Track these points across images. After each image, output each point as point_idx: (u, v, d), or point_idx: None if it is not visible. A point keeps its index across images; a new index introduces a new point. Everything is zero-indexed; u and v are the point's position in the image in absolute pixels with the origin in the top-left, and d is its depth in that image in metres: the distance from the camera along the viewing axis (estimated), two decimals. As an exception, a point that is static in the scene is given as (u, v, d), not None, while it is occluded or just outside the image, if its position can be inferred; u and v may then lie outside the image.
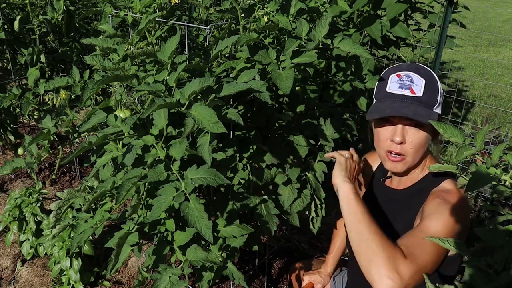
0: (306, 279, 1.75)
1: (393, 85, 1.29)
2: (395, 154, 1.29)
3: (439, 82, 1.30)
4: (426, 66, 1.35)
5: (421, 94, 1.25)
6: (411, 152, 1.28)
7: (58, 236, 2.08)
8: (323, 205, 1.58)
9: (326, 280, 1.75)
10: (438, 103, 1.28)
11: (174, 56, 1.25)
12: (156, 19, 1.43)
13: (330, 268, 1.76)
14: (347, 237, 1.61)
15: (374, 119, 1.33)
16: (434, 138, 1.32)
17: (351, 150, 1.40)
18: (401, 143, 1.27)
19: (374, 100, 1.36)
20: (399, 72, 1.30)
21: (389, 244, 1.08)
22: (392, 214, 1.39)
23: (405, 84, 1.27)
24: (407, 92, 1.26)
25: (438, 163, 1.33)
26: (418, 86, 1.26)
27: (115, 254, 1.18)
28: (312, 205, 1.59)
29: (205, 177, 1.10)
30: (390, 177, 1.46)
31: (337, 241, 1.77)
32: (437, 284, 0.95)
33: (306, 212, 1.62)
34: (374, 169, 1.56)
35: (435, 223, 1.15)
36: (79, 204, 1.82)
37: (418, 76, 1.27)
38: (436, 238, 0.96)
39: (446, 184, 1.27)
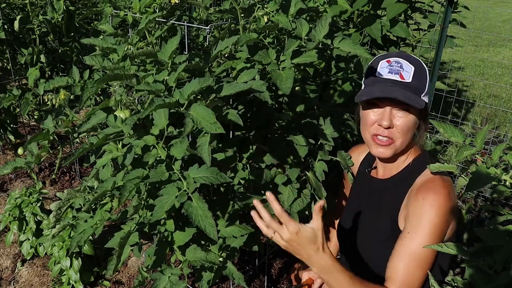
0: (306, 275, 1.75)
1: (382, 70, 1.29)
2: (382, 137, 1.30)
3: (427, 72, 1.31)
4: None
5: (410, 80, 1.26)
6: (399, 136, 1.28)
7: (58, 236, 2.08)
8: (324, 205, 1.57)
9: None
10: (426, 91, 1.28)
11: (174, 56, 1.25)
12: (156, 19, 1.43)
13: None
14: (338, 236, 1.62)
15: (362, 103, 1.34)
16: (419, 125, 1.33)
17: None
18: (388, 128, 1.28)
19: (363, 86, 1.36)
20: (389, 59, 1.31)
21: None
22: (377, 206, 1.40)
23: (395, 69, 1.28)
24: (396, 77, 1.27)
25: (423, 151, 1.35)
26: (408, 72, 1.27)
27: (117, 255, 1.18)
28: (312, 204, 1.59)
29: (207, 176, 1.10)
30: (375, 167, 1.47)
31: (331, 237, 1.78)
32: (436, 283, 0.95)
33: (306, 212, 1.62)
34: (359, 163, 1.57)
35: (420, 240, 1.19)
36: (79, 204, 1.82)
37: (407, 62, 1.28)
38: (435, 245, 0.97)
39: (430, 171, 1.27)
